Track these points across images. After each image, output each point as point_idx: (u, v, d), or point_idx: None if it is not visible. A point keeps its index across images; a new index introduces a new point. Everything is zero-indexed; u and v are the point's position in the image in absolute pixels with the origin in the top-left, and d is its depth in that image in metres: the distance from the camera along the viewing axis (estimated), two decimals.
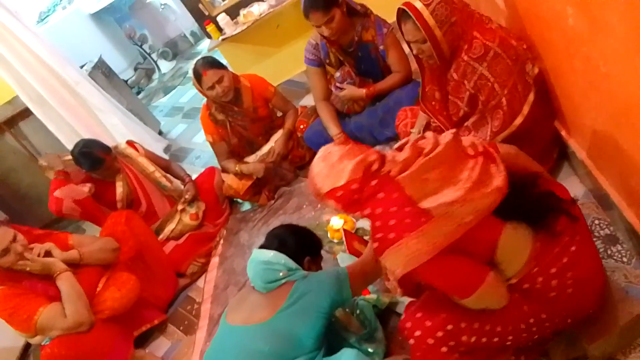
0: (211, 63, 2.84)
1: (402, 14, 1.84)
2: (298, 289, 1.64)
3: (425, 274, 1.26)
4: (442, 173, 1.25)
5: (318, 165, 1.42)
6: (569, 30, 1.42)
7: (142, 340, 2.64)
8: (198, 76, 2.83)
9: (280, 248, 1.72)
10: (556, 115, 1.98)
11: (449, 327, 1.34)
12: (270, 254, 1.70)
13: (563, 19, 1.41)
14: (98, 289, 2.46)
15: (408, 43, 1.94)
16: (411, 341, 1.42)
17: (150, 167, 3.11)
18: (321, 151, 1.47)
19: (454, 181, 1.23)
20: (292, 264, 1.69)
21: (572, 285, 1.29)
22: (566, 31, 1.45)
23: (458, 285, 1.28)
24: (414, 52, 1.95)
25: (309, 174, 1.46)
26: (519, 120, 1.84)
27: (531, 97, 1.83)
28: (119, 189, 2.97)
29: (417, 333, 1.39)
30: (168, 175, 3.17)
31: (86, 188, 2.87)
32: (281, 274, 1.66)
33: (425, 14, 1.75)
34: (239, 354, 1.60)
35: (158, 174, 3.11)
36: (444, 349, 1.37)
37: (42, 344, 2.21)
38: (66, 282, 2.24)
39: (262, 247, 1.76)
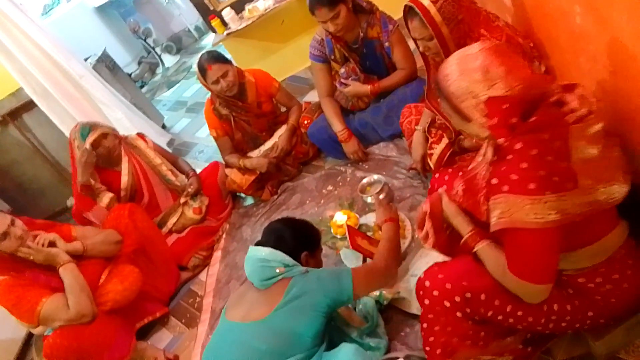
0: (216, 57, 2.84)
1: (408, 11, 1.84)
2: (295, 285, 1.62)
3: (513, 238, 1.20)
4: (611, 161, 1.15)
5: (471, 61, 1.21)
6: (576, 29, 1.42)
7: (144, 333, 2.66)
8: (203, 70, 2.83)
9: (276, 244, 1.70)
10: None
11: (468, 294, 1.34)
12: (266, 251, 1.68)
13: (570, 17, 1.42)
14: (101, 281, 2.47)
15: (414, 40, 1.94)
16: (426, 301, 1.43)
17: (157, 160, 3.13)
18: (471, 48, 1.25)
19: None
20: (288, 260, 1.68)
21: (619, 296, 1.30)
22: (573, 29, 1.45)
23: (527, 267, 1.21)
24: (421, 49, 1.95)
25: (444, 71, 1.25)
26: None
27: None
28: (124, 177, 2.98)
29: (435, 293, 1.40)
30: (174, 169, 3.19)
31: (107, 199, 2.91)
32: (277, 270, 1.65)
33: (432, 11, 1.74)
34: (238, 351, 1.60)
35: (164, 168, 3.13)
36: (459, 314, 1.37)
37: (45, 334, 2.23)
38: (69, 274, 2.25)
39: (258, 243, 1.75)
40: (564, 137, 1.14)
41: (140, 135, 3.22)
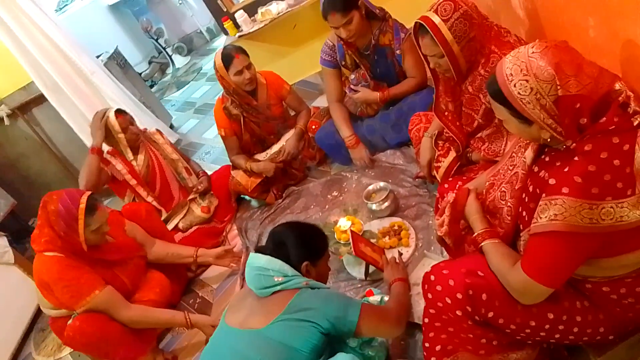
0: (242, 50, 2.90)
1: (419, 28, 1.83)
2: (299, 300, 1.56)
3: (547, 239, 1.16)
4: None
5: (537, 60, 1.14)
6: (589, 42, 1.43)
7: None
8: (229, 59, 2.84)
9: (276, 252, 1.65)
10: None
11: (470, 292, 1.33)
12: (264, 259, 1.63)
13: (584, 30, 1.42)
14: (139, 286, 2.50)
15: (425, 56, 1.93)
16: (429, 295, 1.43)
17: (175, 155, 3.21)
18: (528, 48, 1.18)
19: None
20: (287, 269, 1.61)
21: (638, 311, 1.29)
22: (586, 43, 1.45)
23: (545, 268, 1.20)
24: (431, 65, 1.94)
25: (503, 73, 1.18)
26: None
27: None
28: (141, 155, 3.03)
29: (438, 288, 1.40)
30: (189, 168, 3.25)
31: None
32: (276, 279, 1.60)
33: (444, 29, 1.73)
34: (233, 359, 1.57)
35: (180, 165, 3.20)
36: (459, 312, 1.37)
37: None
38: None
39: (259, 249, 1.70)
40: (632, 140, 1.10)
41: (159, 131, 3.29)
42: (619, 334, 1.36)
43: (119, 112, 2.95)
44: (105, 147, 3.03)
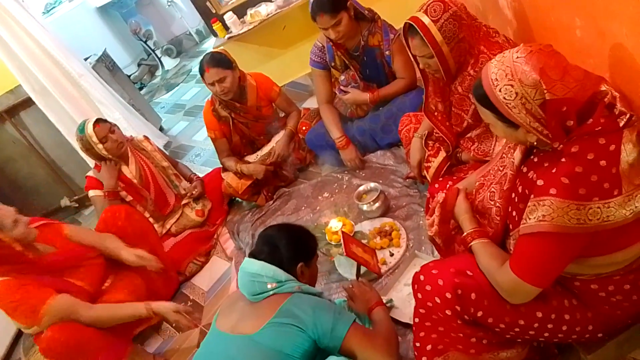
0: (217, 61, 2.83)
1: (409, 29, 1.83)
2: (291, 304, 1.55)
3: (535, 239, 1.17)
4: None
5: (522, 64, 1.14)
6: (577, 42, 1.44)
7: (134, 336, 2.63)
8: (201, 71, 2.85)
9: (270, 255, 1.64)
10: None
11: (459, 291, 1.34)
12: (258, 265, 1.62)
13: (571, 30, 1.43)
14: (106, 285, 2.46)
15: (414, 57, 1.93)
16: (419, 295, 1.43)
17: (165, 163, 3.17)
18: (512, 53, 1.18)
19: None
20: (281, 275, 1.61)
21: (626, 308, 1.30)
22: (573, 43, 1.46)
23: (533, 268, 1.21)
24: (420, 66, 1.94)
25: (488, 77, 1.19)
26: None
27: None
28: (132, 165, 2.97)
29: (428, 287, 1.41)
30: (178, 174, 3.22)
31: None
32: (269, 286, 1.59)
33: (433, 30, 1.74)
34: None
35: (170, 172, 3.16)
36: (448, 311, 1.37)
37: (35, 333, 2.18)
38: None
39: (252, 253, 1.70)
40: (618, 141, 1.11)
41: (146, 137, 3.24)
42: (608, 332, 1.37)
43: (98, 122, 2.84)
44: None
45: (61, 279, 2.26)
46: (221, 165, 3.25)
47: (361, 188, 2.59)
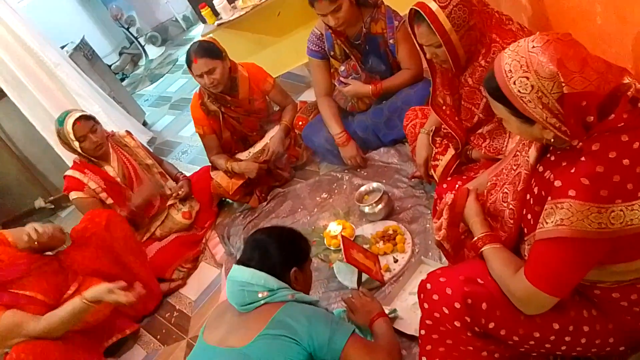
0: (205, 50, 2.83)
1: (415, 15, 1.83)
2: (284, 314, 1.55)
3: (552, 245, 1.17)
4: None
5: (538, 55, 1.13)
6: (597, 30, 1.44)
7: (115, 349, 2.63)
8: (189, 61, 2.84)
9: (261, 262, 1.63)
10: None
11: (469, 301, 1.34)
12: (248, 274, 1.61)
13: (591, 17, 1.43)
14: (69, 293, 2.44)
15: (420, 46, 1.93)
16: (425, 305, 1.43)
17: (149, 160, 3.14)
18: (528, 42, 1.17)
19: None
20: (273, 283, 1.61)
21: None
22: (593, 31, 1.47)
23: (550, 276, 1.20)
24: (427, 56, 1.94)
25: (502, 69, 1.18)
26: None
27: None
28: (114, 163, 2.94)
29: (435, 297, 1.40)
30: (164, 172, 3.20)
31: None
32: (260, 295, 1.59)
33: (441, 17, 1.74)
34: None
35: (155, 170, 3.14)
36: (457, 323, 1.37)
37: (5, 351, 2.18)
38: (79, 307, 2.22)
39: (241, 260, 1.69)
40: None
41: (129, 132, 3.22)
42: (630, 345, 1.37)
43: (80, 119, 2.78)
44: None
45: (8, 293, 2.24)
46: (210, 164, 3.24)
47: (362, 188, 2.59)
